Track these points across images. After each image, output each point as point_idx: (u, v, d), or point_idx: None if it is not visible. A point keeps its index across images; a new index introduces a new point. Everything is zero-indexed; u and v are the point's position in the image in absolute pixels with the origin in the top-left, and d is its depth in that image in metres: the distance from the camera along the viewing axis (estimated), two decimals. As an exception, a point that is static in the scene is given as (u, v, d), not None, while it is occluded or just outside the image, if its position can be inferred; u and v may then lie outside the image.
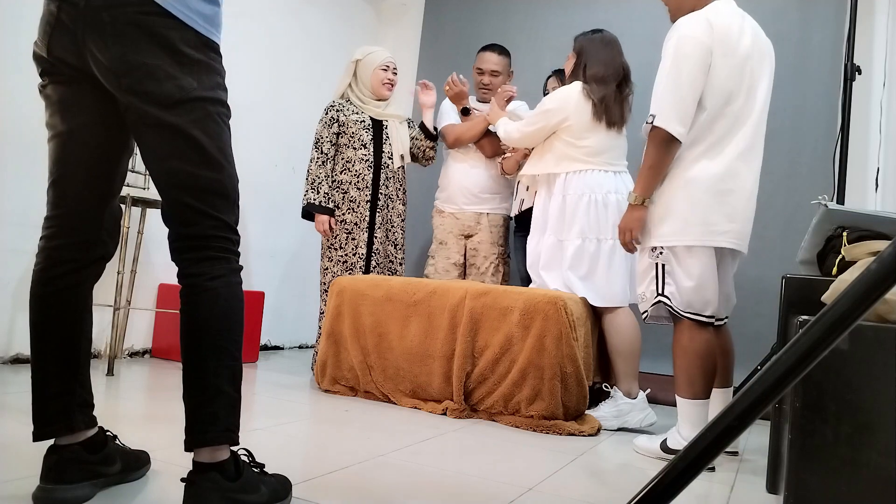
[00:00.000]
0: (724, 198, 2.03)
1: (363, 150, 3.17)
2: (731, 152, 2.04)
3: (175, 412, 2.13)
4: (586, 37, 2.82)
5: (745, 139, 2.05)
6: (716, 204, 2.03)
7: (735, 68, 2.02)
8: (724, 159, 2.03)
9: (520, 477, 1.77)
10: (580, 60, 2.78)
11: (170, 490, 1.40)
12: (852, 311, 0.59)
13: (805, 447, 1.24)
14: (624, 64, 2.77)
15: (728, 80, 2.02)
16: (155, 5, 1.17)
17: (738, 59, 2.03)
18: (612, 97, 2.71)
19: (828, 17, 3.39)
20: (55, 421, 1.28)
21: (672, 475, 0.63)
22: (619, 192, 2.72)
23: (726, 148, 2.04)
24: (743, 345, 3.34)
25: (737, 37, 2.03)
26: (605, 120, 2.71)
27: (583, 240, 2.70)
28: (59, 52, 1.22)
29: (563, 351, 2.40)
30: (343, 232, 3.16)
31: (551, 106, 2.76)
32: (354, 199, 3.15)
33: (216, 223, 1.24)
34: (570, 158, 2.75)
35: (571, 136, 2.74)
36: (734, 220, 2.05)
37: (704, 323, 2.08)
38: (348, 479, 1.61)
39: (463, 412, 2.50)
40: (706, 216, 2.03)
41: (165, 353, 3.31)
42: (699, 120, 2.03)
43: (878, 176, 3.24)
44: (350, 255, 3.16)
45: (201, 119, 1.22)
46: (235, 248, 1.29)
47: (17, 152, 2.72)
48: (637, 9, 3.74)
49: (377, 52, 3.24)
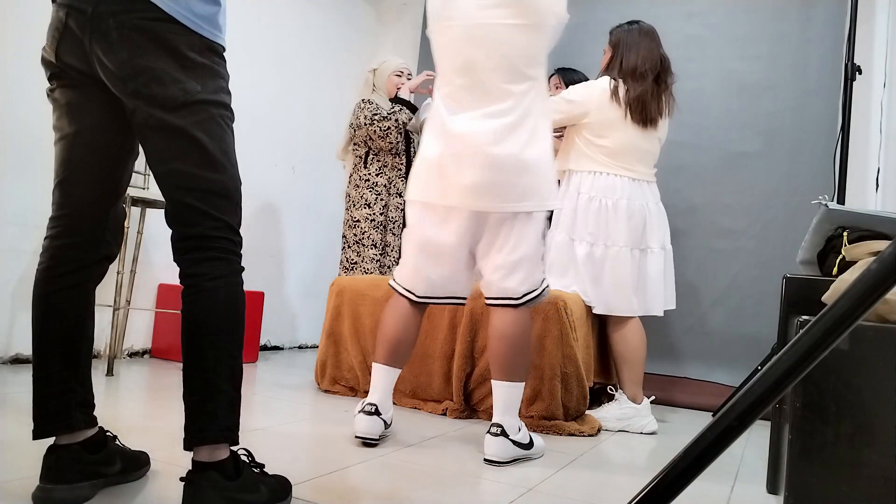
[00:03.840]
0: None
1: (397, 159, 3.36)
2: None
3: (175, 412, 2.13)
4: (622, 28, 2.73)
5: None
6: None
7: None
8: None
9: (520, 477, 1.77)
10: (616, 54, 2.69)
11: (170, 490, 1.40)
12: (852, 311, 0.59)
13: (805, 447, 1.24)
14: (663, 55, 2.67)
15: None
16: (160, 11, 1.19)
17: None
18: (649, 93, 2.62)
19: (828, 17, 3.39)
20: (55, 419, 1.29)
21: (672, 475, 0.63)
22: (632, 199, 2.63)
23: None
24: (743, 345, 3.36)
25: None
26: (640, 118, 2.61)
27: (591, 244, 2.63)
28: (66, 57, 1.24)
29: (563, 351, 2.40)
30: (377, 232, 3.27)
31: (576, 98, 2.68)
32: (387, 204, 3.32)
33: (218, 224, 1.25)
34: (586, 157, 2.68)
35: (591, 132, 2.67)
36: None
37: (412, 300, 2.06)
38: (348, 479, 1.61)
39: (463, 412, 2.50)
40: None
41: (165, 353, 3.31)
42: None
43: (878, 176, 3.24)
44: (382, 255, 3.29)
45: (205, 121, 1.24)
46: (237, 249, 1.30)
47: (18, 153, 2.72)
48: (637, 9, 3.74)
49: (391, 60, 3.44)
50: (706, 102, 3.57)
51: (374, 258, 3.28)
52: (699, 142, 3.57)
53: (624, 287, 2.62)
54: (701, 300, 3.48)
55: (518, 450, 1.92)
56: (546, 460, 1.98)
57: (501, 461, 1.88)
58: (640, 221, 2.64)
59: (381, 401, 2.00)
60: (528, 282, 1.96)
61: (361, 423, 1.94)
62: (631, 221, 2.62)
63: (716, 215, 3.51)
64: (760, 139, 3.47)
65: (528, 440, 1.96)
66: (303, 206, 4.27)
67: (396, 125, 3.26)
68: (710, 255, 3.50)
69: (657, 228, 2.68)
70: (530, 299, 1.97)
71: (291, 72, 4.14)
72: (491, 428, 1.91)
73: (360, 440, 1.94)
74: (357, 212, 3.31)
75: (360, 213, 3.30)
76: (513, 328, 1.95)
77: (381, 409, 1.98)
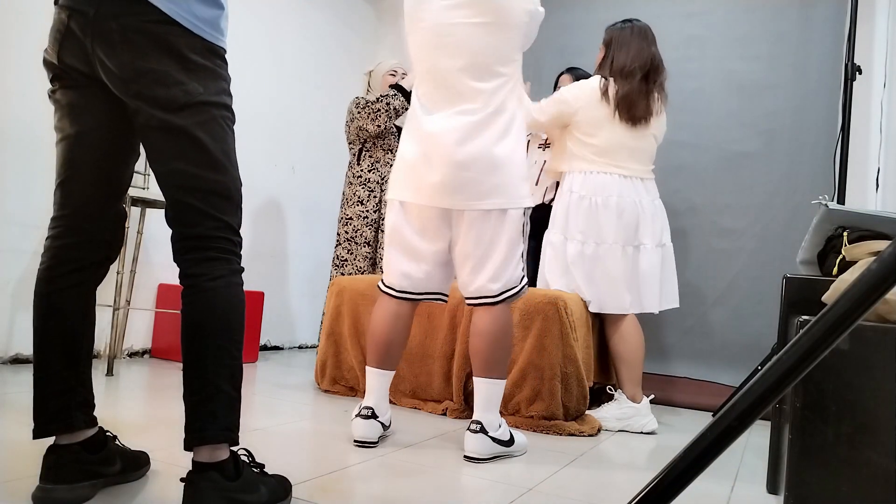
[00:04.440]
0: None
1: (390, 155, 3.34)
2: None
3: (175, 412, 2.13)
4: (616, 27, 2.74)
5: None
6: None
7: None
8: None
9: (520, 477, 1.77)
10: (608, 53, 2.71)
11: (170, 490, 1.40)
12: (852, 311, 0.59)
13: (805, 447, 1.24)
14: (654, 54, 2.67)
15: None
16: (162, 14, 1.20)
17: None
18: (636, 91, 2.62)
19: (828, 17, 3.39)
20: (55, 419, 1.29)
21: (672, 475, 0.63)
22: (622, 196, 2.63)
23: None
24: (743, 345, 3.36)
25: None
26: (628, 116, 2.62)
27: (582, 243, 2.65)
28: (68, 59, 1.25)
29: (563, 351, 2.40)
30: (370, 229, 3.25)
31: (567, 97, 2.70)
32: (381, 200, 3.30)
33: (218, 224, 1.26)
34: (578, 157, 2.70)
35: (581, 132, 2.68)
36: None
37: (391, 295, 2.07)
38: (348, 479, 1.61)
39: (463, 412, 2.50)
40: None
41: (165, 353, 3.31)
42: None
43: (878, 176, 3.24)
44: (374, 252, 3.28)
45: (206, 122, 1.24)
46: (237, 250, 1.30)
47: (18, 153, 2.72)
48: (637, 9, 3.74)
49: (385, 61, 3.47)
50: (706, 102, 3.57)
51: (367, 256, 3.27)
52: (699, 142, 3.57)
53: (615, 284, 2.63)
54: (701, 300, 3.48)
55: (497, 447, 1.92)
56: (546, 460, 1.98)
57: (480, 458, 1.89)
58: (633, 218, 2.64)
59: (376, 404, 2.00)
60: (502, 280, 1.96)
61: (359, 428, 1.94)
62: (622, 218, 2.63)
63: (716, 215, 3.51)
64: (760, 139, 3.47)
65: (508, 437, 1.96)
66: (303, 206, 4.27)
67: (387, 109, 3.22)
68: (710, 255, 3.50)
69: (651, 225, 2.67)
70: (508, 297, 1.97)
71: (291, 72, 4.14)
72: (471, 425, 1.92)
73: (358, 444, 1.94)
74: (350, 209, 3.31)
75: (353, 211, 3.30)
76: (492, 325, 1.95)
77: (377, 412, 1.98)
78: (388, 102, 3.23)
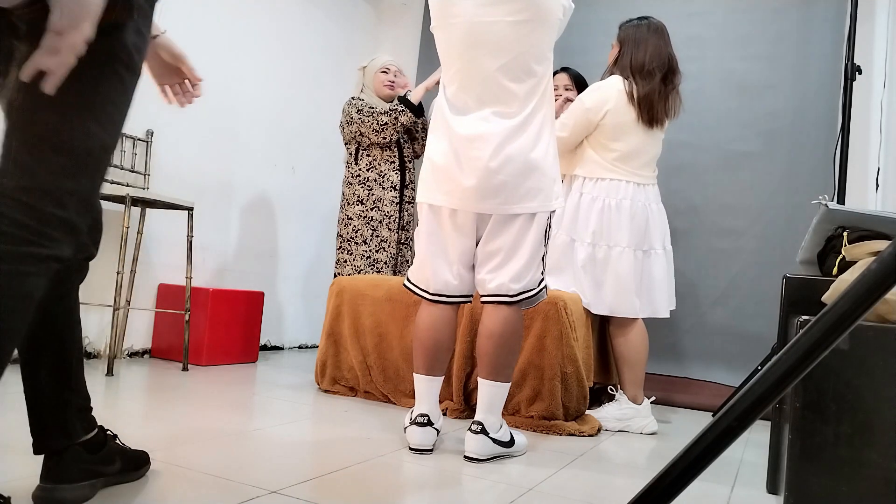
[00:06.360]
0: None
1: (388, 151, 3.31)
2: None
3: (175, 412, 2.13)
4: (632, 24, 2.68)
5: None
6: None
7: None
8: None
9: (520, 477, 1.77)
10: (623, 51, 2.64)
11: (170, 490, 1.40)
12: (852, 311, 0.59)
13: (805, 447, 1.24)
14: (671, 54, 2.62)
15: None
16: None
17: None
18: (656, 92, 2.58)
19: (828, 17, 3.39)
20: (53, 434, 1.27)
21: (672, 475, 0.63)
22: (635, 200, 2.60)
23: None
24: (743, 345, 3.36)
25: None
26: (648, 118, 2.58)
27: (593, 245, 2.61)
28: None
29: (563, 351, 2.40)
30: (368, 228, 3.23)
31: (589, 104, 2.61)
32: (380, 199, 3.27)
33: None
34: (595, 163, 2.63)
35: (605, 136, 2.61)
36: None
37: (426, 298, 2.05)
38: (348, 479, 1.61)
39: (463, 412, 2.50)
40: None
41: (165, 353, 3.31)
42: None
43: (878, 176, 3.24)
44: (374, 251, 3.25)
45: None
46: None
47: None
48: (637, 9, 3.74)
49: (378, 58, 3.45)
50: (706, 102, 3.57)
51: (365, 255, 3.25)
52: (699, 142, 3.57)
53: (627, 288, 2.59)
54: (701, 300, 3.48)
55: (497, 447, 1.92)
56: (546, 460, 1.98)
57: (480, 458, 1.89)
58: (643, 222, 2.63)
59: (430, 410, 1.99)
60: (523, 280, 1.95)
61: (415, 435, 1.93)
62: (634, 222, 2.61)
63: (716, 215, 3.51)
64: (760, 139, 3.47)
65: (508, 438, 1.96)
66: (303, 206, 4.27)
67: (394, 124, 3.22)
68: (710, 255, 3.50)
69: (658, 229, 2.67)
70: (525, 298, 1.96)
71: (291, 72, 4.14)
72: (472, 425, 1.92)
73: (414, 451, 1.93)
74: (350, 209, 3.29)
75: (352, 211, 3.28)
76: (503, 327, 1.94)
77: (432, 419, 1.97)
78: (397, 118, 3.21)
